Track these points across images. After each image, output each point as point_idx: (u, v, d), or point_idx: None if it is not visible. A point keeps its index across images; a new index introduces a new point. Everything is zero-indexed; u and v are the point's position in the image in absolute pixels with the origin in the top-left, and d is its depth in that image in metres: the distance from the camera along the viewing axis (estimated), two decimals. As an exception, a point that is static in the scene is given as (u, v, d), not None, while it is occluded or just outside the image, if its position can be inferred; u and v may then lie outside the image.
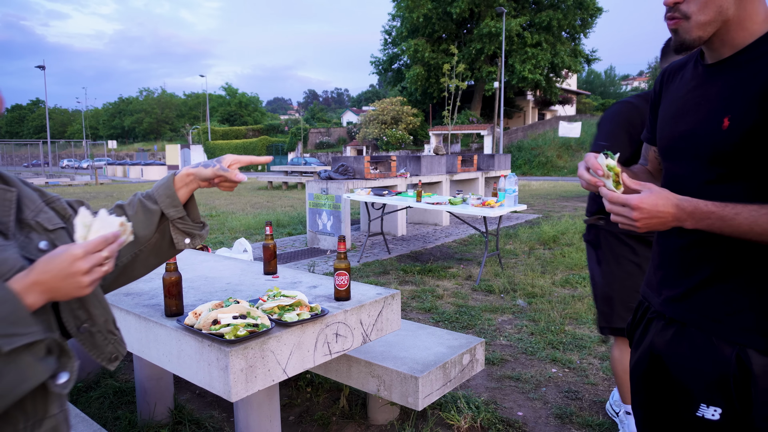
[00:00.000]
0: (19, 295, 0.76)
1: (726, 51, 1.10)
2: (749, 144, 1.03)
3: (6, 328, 0.72)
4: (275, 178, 20.34)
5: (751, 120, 1.02)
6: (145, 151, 60.71)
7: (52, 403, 0.85)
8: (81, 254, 0.79)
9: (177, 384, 3.04)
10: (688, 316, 1.16)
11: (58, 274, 0.78)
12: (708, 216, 1.03)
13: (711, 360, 1.10)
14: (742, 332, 1.07)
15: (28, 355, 0.75)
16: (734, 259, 1.09)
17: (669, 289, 1.22)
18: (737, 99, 1.05)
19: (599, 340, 3.75)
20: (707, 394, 1.11)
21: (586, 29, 34.68)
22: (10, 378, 0.73)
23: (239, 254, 4.42)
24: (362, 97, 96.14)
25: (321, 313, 1.80)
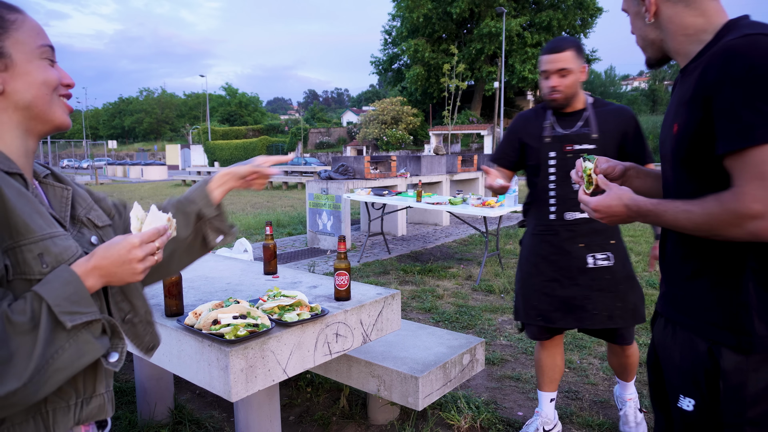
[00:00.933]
0: (81, 278, 0.84)
1: (682, 60, 1.22)
2: (693, 150, 1.12)
3: (70, 306, 0.81)
4: (275, 178, 20.34)
5: (692, 126, 1.10)
6: (145, 151, 60.72)
7: (100, 383, 0.94)
8: (137, 243, 0.88)
9: (177, 384, 3.04)
10: (672, 313, 1.26)
11: (116, 260, 0.87)
12: (647, 213, 1.16)
13: (689, 354, 1.18)
14: (714, 329, 1.13)
15: (86, 332, 0.83)
16: (707, 259, 1.16)
17: (663, 286, 1.32)
18: (682, 106, 1.15)
19: (598, 341, 3.75)
20: (684, 386, 1.20)
21: (586, 29, 34.67)
22: (71, 352, 0.80)
23: (239, 254, 4.42)
24: (362, 97, 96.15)
25: (321, 313, 1.80)
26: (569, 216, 2.18)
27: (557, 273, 2.21)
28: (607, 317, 2.18)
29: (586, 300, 2.18)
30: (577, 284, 2.18)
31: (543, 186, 2.23)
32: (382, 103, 35.02)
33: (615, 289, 2.18)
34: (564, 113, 2.21)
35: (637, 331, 3.98)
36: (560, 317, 2.23)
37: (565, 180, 2.17)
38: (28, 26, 0.93)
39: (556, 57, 2.10)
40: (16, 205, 0.83)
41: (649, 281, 5.23)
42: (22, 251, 0.82)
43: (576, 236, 2.18)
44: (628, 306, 2.20)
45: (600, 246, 2.18)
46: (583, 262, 2.18)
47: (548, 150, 2.20)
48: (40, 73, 0.92)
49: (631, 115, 2.21)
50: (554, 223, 2.21)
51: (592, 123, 2.16)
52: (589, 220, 2.17)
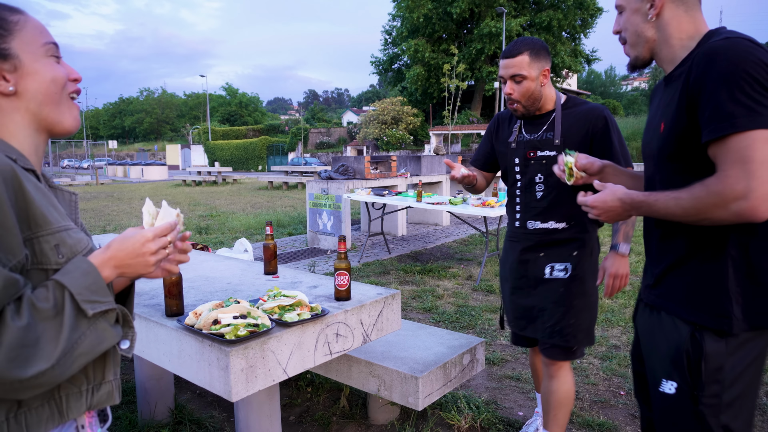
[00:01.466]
0: (98, 269, 0.89)
1: (668, 66, 1.30)
2: (680, 145, 1.21)
3: (90, 295, 0.86)
4: (275, 178, 20.34)
5: (680, 125, 1.19)
6: (146, 151, 60.71)
7: (109, 370, 0.99)
8: (151, 237, 0.94)
9: (177, 384, 3.04)
10: (657, 300, 1.33)
11: (131, 252, 0.92)
12: (640, 205, 1.24)
13: (672, 338, 1.25)
14: (697, 312, 1.21)
15: (103, 321, 0.88)
16: (690, 246, 1.24)
17: (647, 277, 1.39)
18: (670, 107, 1.23)
19: (598, 340, 3.75)
20: (667, 370, 1.26)
21: (586, 29, 34.63)
22: (92, 338, 0.86)
23: (240, 254, 4.42)
24: (362, 97, 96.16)
25: (321, 313, 1.80)
26: (531, 225, 2.09)
27: (520, 281, 2.14)
28: (558, 332, 2.03)
29: (541, 312, 2.08)
30: (536, 294, 2.10)
31: (511, 192, 2.18)
32: (382, 103, 35.01)
33: (569, 304, 2.03)
34: (530, 117, 2.09)
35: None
36: (523, 326, 2.16)
37: (529, 187, 2.08)
38: (31, 25, 0.94)
39: (509, 62, 1.97)
40: (35, 197, 0.87)
41: (650, 281, 5.23)
42: (39, 242, 0.86)
43: (537, 245, 2.08)
44: (582, 324, 2.05)
45: (560, 256, 2.05)
46: (542, 272, 2.08)
47: (513, 156, 2.12)
48: (48, 71, 0.94)
49: (601, 116, 2.00)
50: (518, 230, 2.15)
51: (556, 128, 2.02)
52: (551, 231, 2.06)
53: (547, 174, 2.03)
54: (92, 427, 0.99)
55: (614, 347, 3.65)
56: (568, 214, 2.04)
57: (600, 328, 4.01)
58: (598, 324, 4.10)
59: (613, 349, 3.60)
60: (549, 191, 2.04)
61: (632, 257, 6.34)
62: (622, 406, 2.83)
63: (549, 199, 2.04)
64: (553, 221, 2.05)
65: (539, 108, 2.05)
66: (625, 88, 77.69)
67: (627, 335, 3.86)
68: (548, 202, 2.04)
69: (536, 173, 2.06)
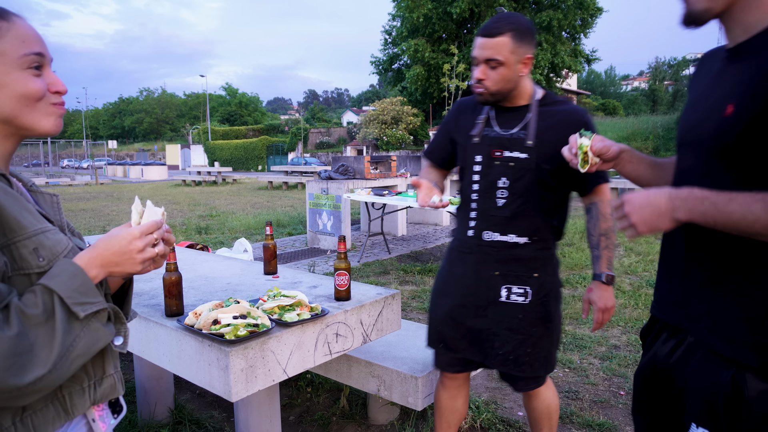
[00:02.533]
0: (85, 270, 0.89)
1: (741, 34, 1.01)
2: (751, 133, 0.94)
3: (80, 297, 0.86)
4: (275, 178, 20.33)
5: (755, 107, 0.93)
6: (146, 151, 60.71)
7: (108, 364, 1.00)
8: (138, 234, 0.94)
9: (177, 384, 3.04)
10: (685, 322, 1.09)
11: (117, 250, 0.92)
12: (702, 201, 0.96)
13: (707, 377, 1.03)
14: (734, 345, 0.99)
15: (96, 321, 0.89)
16: (727, 262, 1.01)
17: (669, 293, 1.16)
18: (744, 85, 0.96)
19: (598, 340, 3.75)
20: (698, 414, 1.05)
21: (586, 29, 34.62)
22: (86, 339, 0.87)
23: (239, 254, 4.42)
24: (362, 97, 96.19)
25: (321, 313, 1.80)
26: (487, 236, 1.79)
27: (467, 299, 1.83)
28: (512, 361, 1.80)
29: (494, 337, 1.80)
30: (486, 316, 1.81)
31: (466, 195, 1.86)
32: (382, 103, 35.01)
33: (527, 331, 1.78)
34: (505, 108, 1.79)
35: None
36: (465, 347, 1.86)
37: (489, 192, 1.78)
38: (13, 35, 0.90)
39: (486, 42, 1.66)
40: (5, 203, 0.85)
41: (650, 281, 5.23)
42: (17, 248, 0.86)
43: (492, 261, 1.79)
44: (540, 353, 1.81)
45: (518, 278, 1.78)
46: (496, 293, 1.79)
47: (474, 153, 1.81)
48: (19, 85, 0.90)
49: (583, 121, 1.74)
50: (471, 241, 1.82)
51: (531, 127, 1.73)
52: (510, 246, 1.76)
53: (513, 179, 1.74)
54: (104, 420, 1.01)
55: (614, 347, 3.65)
56: (532, 228, 1.76)
57: (600, 328, 4.00)
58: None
59: (613, 349, 3.60)
60: (513, 199, 1.74)
61: (632, 257, 6.34)
62: (622, 406, 2.83)
63: (512, 209, 1.74)
64: (514, 234, 1.75)
65: (510, 100, 1.77)
66: (625, 88, 77.69)
67: (627, 335, 3.86)
68: (511, 211, 1.75)
69: (500, 176, 1.76)
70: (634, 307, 4.48)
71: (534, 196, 1.74)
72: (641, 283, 5.22)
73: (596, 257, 1.78)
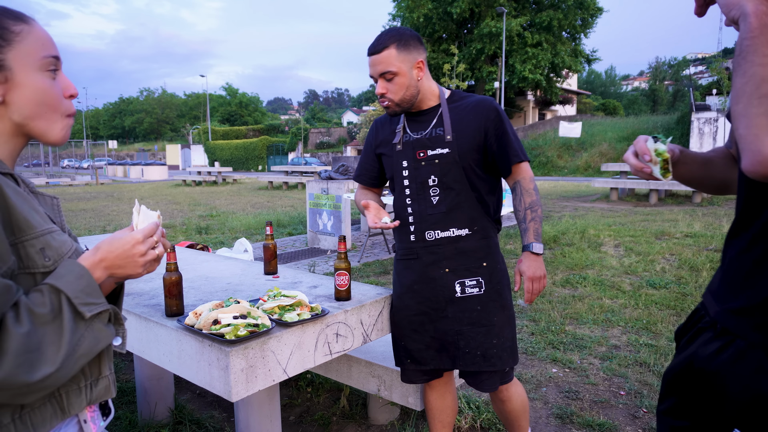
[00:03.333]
0: (90, 271, 0.90)
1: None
2: None
3: (86, 297, 0.87)
4: (275, 178, 20.34)
5: None
6: (146, 151, 60.73)
7: (104, 366, 1.02)
8: (141, 238, 0.95)
9: (177, 384, 3.05)
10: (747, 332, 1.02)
11: (121, 254, 0.93)
12: None
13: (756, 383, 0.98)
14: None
15: (98, 321, 0.90)
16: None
17: (730, 298, 1.07)
18: None
19: (599, 340, 3.75)
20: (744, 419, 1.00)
21: (586, 29, 34.64)
22: (89, 339, 0.88)
23: (240, 254, 4.42)
24: (363, 97, 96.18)
25: (321, 313, 1.80)
26: (430, 235, 1.83)
27: (424, 305, 1.86)
28: (481, 357, 1.82)
29: (458, 336, 1.82)
30: (446, 317, 1.83)
31: (400, 202, 1.88)
32: (383, 103, 34.99)
33: (489, 322, 1.82)
34: (414, 113, 1.88)
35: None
36: (432, 356, 1.88)
37: (422, 192, 1.83)
38: (34, 37, 0.93)
39: (375, 59, 1.76)
40: (16, 202, 0.87)
41: (650, 281, 5.23)
42: (24, 246, 0.87)
43: (440, 260, 1.82)
44: (505, 343, 1.84)
45: (469, 270, 1.82)
46: (451, 290, 1.82)
47: (400, 158, 1.86)
48: (39, 86, 0.93)
49: (491, 107, 1.82)
50: (415, 245, 1.86)
51: (446, 123, 1.81)
52: (453, 240, 1.81)
53: (441, 175, 1.80)
54: (94, 421, 1.02)
55: (614, 347, 3.65)
56: (470, 219, 1.82)
57: (600, 328, 4.01)
58: (598, 324, 4.10)
59: (613, 349, 3.60)
60: (446, 194, 1.80)
61: (632, 257, 6.34)
62: (622, 406, 2.83)
63: (447, 203, 1.81)
64: (455, 228, 1.81)
65: (418, 104, 1.85)
66: (625, 88, 77.64)
67: (627, 335, 3.86)
68: (447, 206, 1.81)
69: (429, 175, 1.81)
70: (634, 307, 4.48)
71: (465, 187, 1.81)
72: (641, 283, 5.22)
73: (524, 230, 1.83)
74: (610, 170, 14.87)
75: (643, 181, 12.08)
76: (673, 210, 10.78)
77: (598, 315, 4.29)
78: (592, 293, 4.92)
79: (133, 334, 1.91)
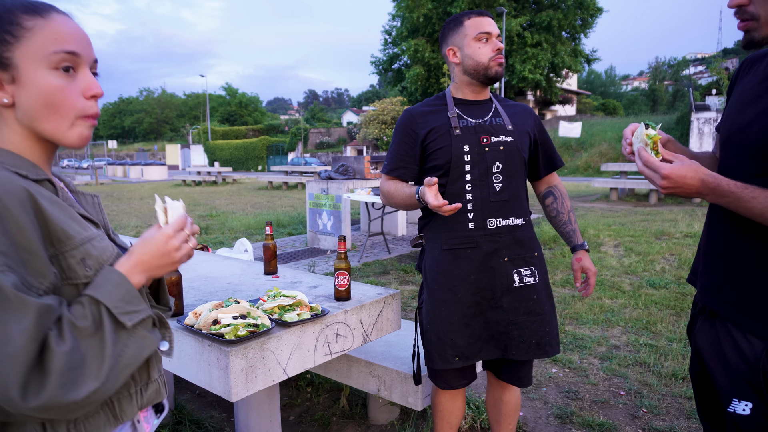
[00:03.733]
0: (127, 277, 0.88)
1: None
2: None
3: (126, 306, 0.85)
4: (275, 178, 20.34)
5: None
6: (146, 151, 60.72)
7: (153, 370, 1.00)
8: (172, 233, 0.93)
9: (177, 384, 3.04)
10: (722, 307, 1.16)
11: (156, 253, 0.91)
12: (726, 194, 1.07)
13: (744, 355, 1.10)
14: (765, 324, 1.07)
15: (142, 328, 0.88)
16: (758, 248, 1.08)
17: (707, 278, 1.22)
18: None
19: (599, 340, 3.75)
20: (739, 389, 1.11)
21: (586, 29, 34.64)
22: (133, 348, 0.86)
23: (240, 254, 4.42)
24: (362, 97, 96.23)
25: (321, 313, 1.80)
26: (492, 224, 1.79)
27: (479, 296, 1.79)
28: (536, 345, 1.81)
29: (512, 326, 1.80)
30: (500, 307, 1.80)
31: (456, 189, 1.80)
32: (382, 103, 34.98)
33: (542, 311, 1.83)
34: (468, 101, 1.87)
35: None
36: (480, 348, 1.81)
37: (485, 179, 1.79)
38: (48, 32, 0.85)
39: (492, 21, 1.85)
40: (53, 214, 0.83)
41: (650, 281, 5.23)
42: (65, 258, 0.84)
43: (500, 248, 1.79)
44: (554, 331, 1.87)
45: (525, 260, 1.82)
46: (510, 280, 1.79)
47: (461, 143, 1.78)
48: (43, 86, 0.85)
49: (534, 113, 1.97)
50: (474, 233, 1.79)
51: (503, 114, 1.85)
52: (512, 229, 1.81)
53: (506, 162, 1.80)
54: (148, 420, 1.02)
55: (614, 347, 3.65)
56: (524, 209, 1.86)
57: (600, 328, 4.01)
58: (598, 324, 4.10)
59: (613, 349, 3.60)
60: (509, 182, 1.81)
61: (631, 257, 6.34)
62: (622, 406, 2.83)
63: (509, 191, 1.81)
64: (514, 217, 1.82)
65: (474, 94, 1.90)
66: (625, 88, 77.65)
67: (627, 335, 3.86)
68: (509, 194, 1.81)
69: (494, 161, 1.79)
70: (634, 307, 4.48)
71: (522, 177, 1.87)
72: (641, 283, 5.22)
73: (572, 231, 1.94)
74: (609, 170, 14.86)
75: (643, 180, 12.09)
76: (672, 210, 10.78)
77: (598, 315, 4.29)
78: (592, 293, 4.92)
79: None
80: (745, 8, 1.09)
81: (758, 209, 1.03)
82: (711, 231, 1.23)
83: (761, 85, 1.13)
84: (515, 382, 1.95)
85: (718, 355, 1.17)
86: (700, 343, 1.25)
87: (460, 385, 1.93)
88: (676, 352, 3.47)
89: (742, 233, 1.13)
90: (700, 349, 1.25)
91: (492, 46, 1.81)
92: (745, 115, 1.14)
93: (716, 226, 1.21)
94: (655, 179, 1.13)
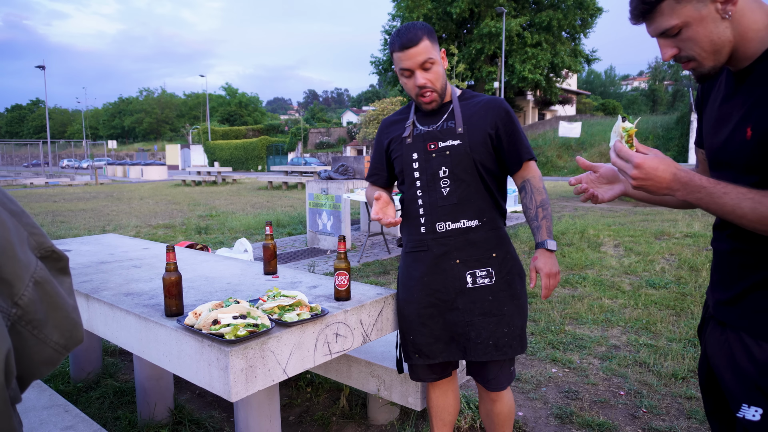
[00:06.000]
0: None
1: (742, 61, 1.12)
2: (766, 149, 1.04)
3: None
4: (275, 178, 20.33)
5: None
6: (145, 151, 60.72)
7: None
8: None
9: (177, 384, 3.04)
10: (737, 321, 1.17)
11: None
12: (699, 190, 1.07)
13: (754, 359, 1.11)
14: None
15: None
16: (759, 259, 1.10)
17: (720, 293, 1.23)
18: (757, 108, 1.07)
19: (598, 340, 3.75)
20: (748, 395, 1.12)
21: (586, 29, 34.64)
22: None
23: (240, 254, 4.42)
24: (362, 97, 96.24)
25: (321, 313, 1.80)
26: (440, 227, 1.84)
27: (434, 297, 1.85)
28: (493, 346, 1.83)
29: (469, 327, 1.83)
30: (457, 308, 1.83)
31: (410, 195, 1.90)
32: (382, 103, 34.99)
33: (499, 312, 1.83)
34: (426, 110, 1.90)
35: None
36: (442, 349, 1.87)
37: (432, 184, 1.84)
38: None
39: (414, 51, 1.74)
40: None
41: (649, 281, 5.23)
42: None
43: (450, 251, 1.83)
44: (515, 332, 1.86)
45: (479, 261, 1.83)
46: (463, 281, 1.83)
47: (410, 151, 1.87)
48: None
49: (502, 105, 1.87)
50: (426, 237, 1.86)
51: (457, 116, 1.84)
52: (463, 231, 1.83)
53: (452, 166, 1.82)
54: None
55: (614, 347, 3.65)
56: (479, 210, 1.84)
57: (600, 328, 4.01)
58: (597, 324, 4.10)
59: (613, 349, 3.60)
60: (456, 185, 1.82)
61: (631, 257, 6.34)
62: (622, 406, 2.83)
63: (458, 195, 1.82)
64: (465, 219, 1.83)
65: None
66: (625, 88, 77.64)
67: (627, 335, 3.86)
68: (457, 197, 1.82)
69: (440, 166, 1.83)
70: (633, 307, 4.48)
71: (475, 179, 1.83)
72: (641, 283, 5.22)
73: (537, 228, 1.84)
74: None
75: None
76: (672, 210, 10.78)
77: (598, 315, 4.29)
78: (592, 293, 4.92)
79: (132, 334, 1.91)
80: (679, 55, 1.14)
81: (729, 205, 1.04)
82: (719, 249, 1.24)
83: (725, 104, 1.17)
84: (485, 384, 1.94)
85: (728, 360, 1.18)
86: (710, 347, 1.26)
87: (429, 378, 1.99)
88: (676, 352, 3.47)
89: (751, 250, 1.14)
90: (709, 353, 1.26)
91: (414, 82, 1.78)
92: (720, 134, 1.18)
93: (722, 243, 1.22)
94: (626, 169, 1.12)
